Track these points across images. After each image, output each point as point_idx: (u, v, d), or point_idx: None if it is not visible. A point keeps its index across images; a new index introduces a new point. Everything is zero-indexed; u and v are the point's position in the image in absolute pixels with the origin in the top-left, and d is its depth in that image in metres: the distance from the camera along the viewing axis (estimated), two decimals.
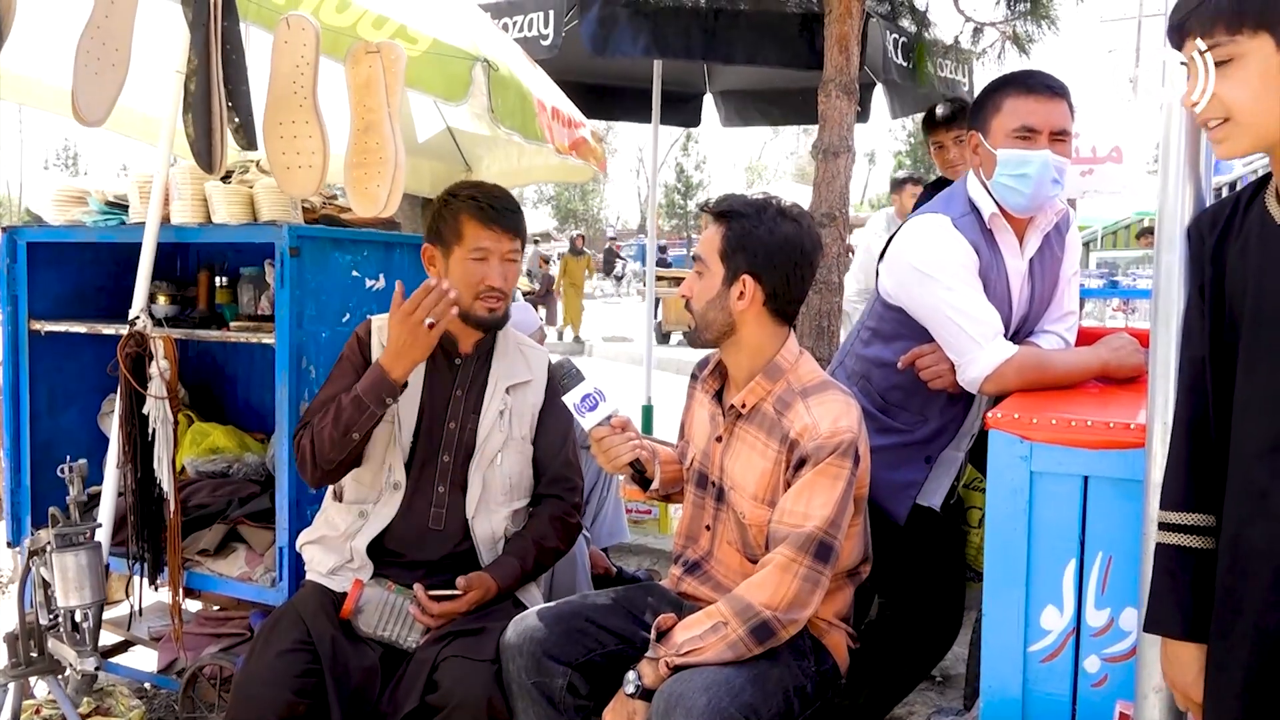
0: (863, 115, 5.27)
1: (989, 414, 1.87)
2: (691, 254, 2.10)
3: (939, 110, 3.57)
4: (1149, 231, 11.40)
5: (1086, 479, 1.78)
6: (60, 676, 2.11)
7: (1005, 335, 2.20)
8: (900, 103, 4.62)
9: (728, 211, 1.95)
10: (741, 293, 1.93)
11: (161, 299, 2.81)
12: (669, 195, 35.61)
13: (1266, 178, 1.31)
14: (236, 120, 1.74)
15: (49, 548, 1.91)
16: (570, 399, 2.01)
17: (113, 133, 3.26)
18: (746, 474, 1.98)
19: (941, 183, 3.79)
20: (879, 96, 5.08)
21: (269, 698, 1.95)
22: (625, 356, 12.76)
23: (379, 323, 2.31)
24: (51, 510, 2.01)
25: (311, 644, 2.04)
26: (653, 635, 1.88)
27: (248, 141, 1.78)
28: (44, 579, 2.01)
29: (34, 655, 2.06)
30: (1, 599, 4.06)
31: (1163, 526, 1.43)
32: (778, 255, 1.92)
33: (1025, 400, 1.96)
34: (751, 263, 1.92)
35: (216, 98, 1.71)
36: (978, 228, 2.19)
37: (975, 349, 2.11)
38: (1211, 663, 1.36)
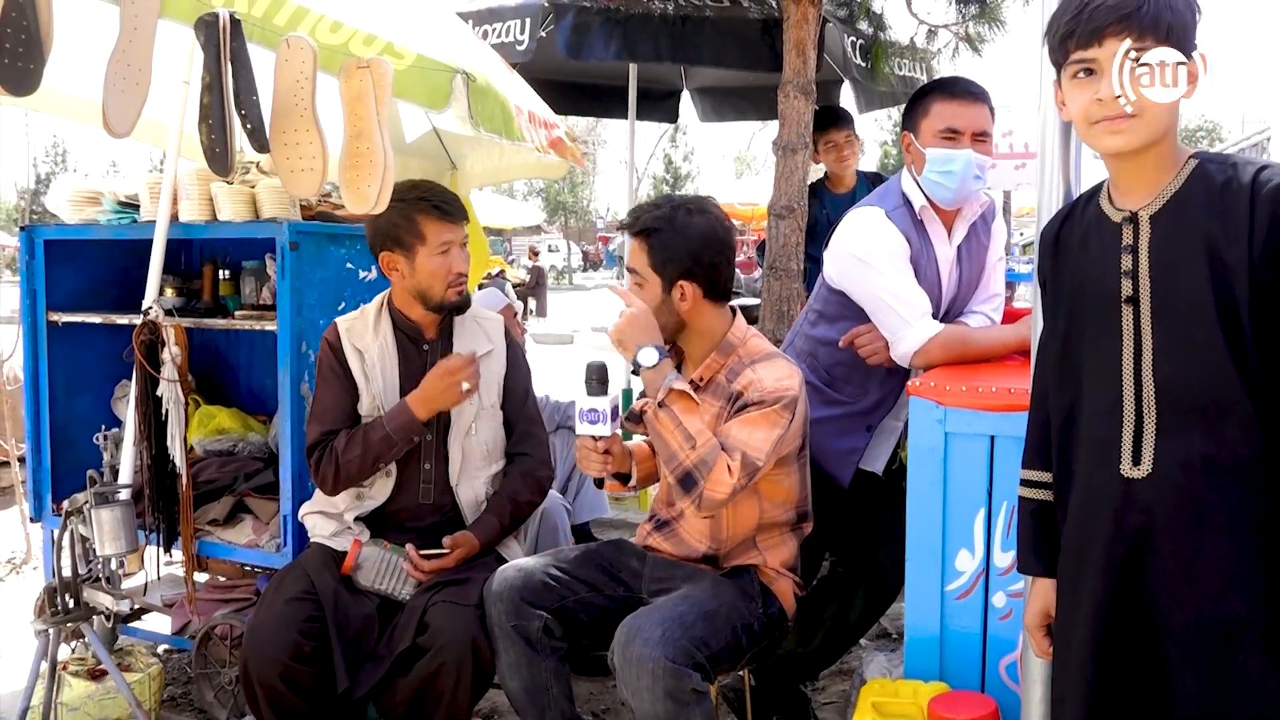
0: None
1: (910, 382, 2.13)
2: (627, 265, 2.30)
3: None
4: None
5: (993, 438, 2.04)
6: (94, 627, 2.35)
7: (937, 315, 2.45)
8: (865, 99, 4.87)
9: (645, 229, 2.16)
10: (682, 295, 2.16)
11: (169, 291, 3.03)
12: (657, 186, 35.75)
13: (1102, 183, 1.55)
14: (249, 127, 1.98)
15: (87, 505, 2.15)
16: (582, 404, 2.11)
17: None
18: None
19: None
20: (847, 92, 5.32)
21: (279, 639, 2.20)
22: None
23: (345, 325, 2.53)
24: (90, 473, 2.25)
25: (316, 594, 2.29)
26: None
27: (259, 145, 2.01)
28: (81, 535, 2.25)
29: (70, 606, 2.31)
30: (15, 578, 4.29)
31: (1021, 483, 1.67)
32: (701, 253, 2.14)
33: (943, 371, 2.21)
34: (681, 268, 2.14)
35: (228, 109, 1.95)
36: (909, 219, 2.44)
37: (905, 328, 2.35)
38: (1065, 594, 1.55)
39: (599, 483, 2.28)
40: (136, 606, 3.16)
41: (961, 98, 2.38)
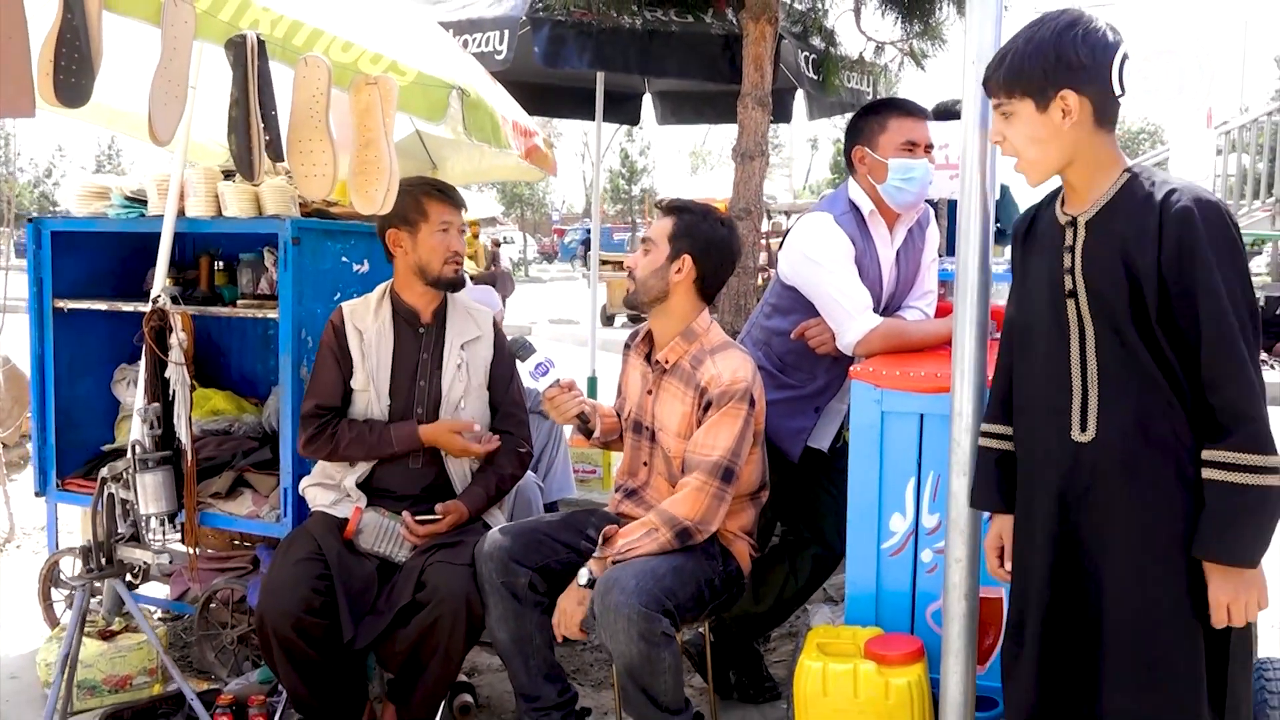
0: (786, 116, 5.87)
1: (852, 368, 2.44)
2: (641, 236, 2.63)
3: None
4: None
5: (922, 416, 2.35)
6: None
7: (878, 309, 2.76)
8: (816, 108, 5.21)
9: (680, 208, 2.53)
10: (680, 269, 2.47)
11: (167, 281, 3.25)
12: (614, 180, 35.98)
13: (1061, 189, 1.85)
14: (268, 138, 2.22)
15: (129, 470, 2.38)
16: (525, 367, 2.52)
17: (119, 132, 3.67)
18: (670, 417, 2.52)
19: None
20: (799, 99, 5.65)
21: (293, 595, 2.45)
22: (570, 338, 13.24)
23: (350, 308, 2.80)
24: (133, 441, 2.47)
25: (322, 555, 2.55)
26: (600, 540, 2.40)
27: (275, 155, 2.26)
28: (121, 499, 2.48)
29: (104, 563, 2.54)
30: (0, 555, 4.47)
31: (982, 434, 1.97)
32: (713, 248, 2.48)
33: (881, 359, 2.52)
34: (693, 247, 2.47)
35: (255, 121, 2.20)
36: (854, 223, 2.74)
37: (849, 320, 2.66)
38: (1023, 534, 1.87)
39: (583, 423, 2.58)
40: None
41: (915, 115, 2.71)
